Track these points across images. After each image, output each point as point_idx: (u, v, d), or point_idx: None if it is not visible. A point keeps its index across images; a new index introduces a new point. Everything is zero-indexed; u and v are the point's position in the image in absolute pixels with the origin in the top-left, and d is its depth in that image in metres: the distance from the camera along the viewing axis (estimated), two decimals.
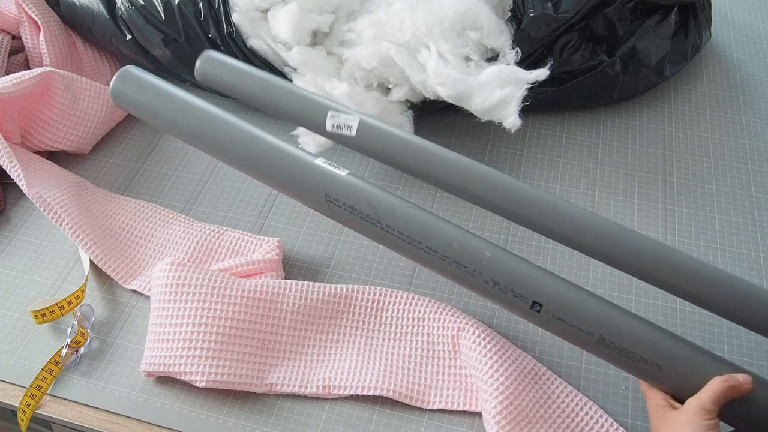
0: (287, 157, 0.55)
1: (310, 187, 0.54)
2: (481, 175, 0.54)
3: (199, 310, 0.58)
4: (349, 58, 0.69)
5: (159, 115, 0.58)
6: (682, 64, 0.81)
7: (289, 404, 0.58)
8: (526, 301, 0.50)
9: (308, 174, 0.54)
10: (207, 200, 0.74)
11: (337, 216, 0.54)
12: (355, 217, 0.53)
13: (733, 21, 0.93)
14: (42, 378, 0.59)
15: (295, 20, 0.69)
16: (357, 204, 0.52)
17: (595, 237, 0.52)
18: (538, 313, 0.50)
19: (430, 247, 0.52)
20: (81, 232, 0.67)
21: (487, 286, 0.51)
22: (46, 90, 0.73)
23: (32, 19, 0.79)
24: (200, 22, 0.71)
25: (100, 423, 0.58)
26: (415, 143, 0.57)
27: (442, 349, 0.60)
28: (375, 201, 0.52)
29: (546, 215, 0.52)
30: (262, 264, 0.64)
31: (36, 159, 0.73)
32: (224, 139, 0.56)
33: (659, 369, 0.49)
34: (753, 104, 0.82)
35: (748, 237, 0.69)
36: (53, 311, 0.62)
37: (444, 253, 0.51)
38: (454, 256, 0.51)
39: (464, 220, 0.71)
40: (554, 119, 0.81)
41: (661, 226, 0.70)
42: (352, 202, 0.53)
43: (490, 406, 0.53)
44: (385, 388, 0.57)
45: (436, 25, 0.67)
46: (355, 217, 0.53)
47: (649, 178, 0.74)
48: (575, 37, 0.75)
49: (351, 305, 0.63)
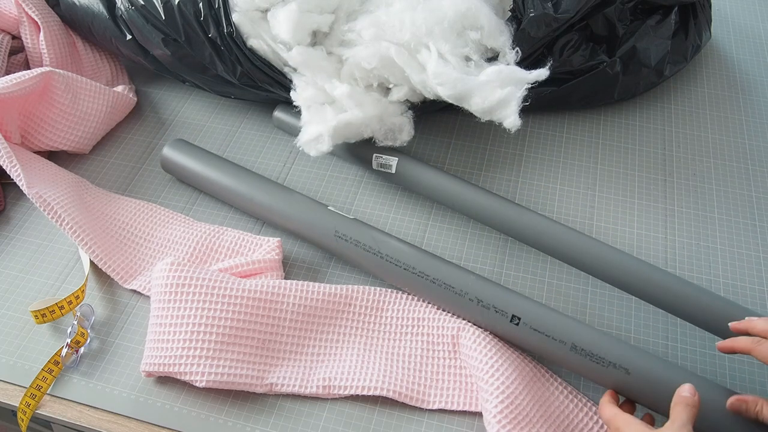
0: (305, 204, 0.67)
1: (322, 225, 0.65)
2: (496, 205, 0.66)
3: (199, 310, 0.58)
4: (349, 58, 0.69)
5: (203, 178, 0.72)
6: (682, 64, 0.81)
7: (289, 404, 0.58)
8: (506, 315, 0.57)
9: (320, 215, 0.66)
10: (207, 200, 0.74)
11: (343, 249, 0.64)
12: (359, 249, 0.63)
13: (733, 21, 0.93)
14: (42, 378, 0.59)
15: (295, 20, 0.69)
16: (361, 238, 0.63)
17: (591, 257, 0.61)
18: (516, 326, 0.56)
19: (422, 272, 0.60)
20: (81, 232, 0.67)
21: (471, 304, 0.58)
22: (46, 90, 0.73)
23: (32, 19, 0.79)
24: (200, 22, 0.71)
25: (100, 423, 0.58)
26: (441, 179, 0.68)
27: (442, 349, 0.60)
28: (376, 236, 0.63)
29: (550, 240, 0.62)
30: (262, 264, 0.64)
31: (36, 159, 0.72)
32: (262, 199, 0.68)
33: (626, 372, 0.52)
34: (753, 104, 0.82)
35: (748, 237, 0.69)
36: (53, 311, 0.62)
37: (435, 276, 0.60)
38: (443, 278, 0.60)
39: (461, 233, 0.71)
40: (554, 119, 0.81)
41: (661, 226, 0.70)
42: (358, 237, 0.63)
43: (491, 406, 0.53)
44: (385, 388, 0.57)
45: (436, 25, 0.67)
46: (359, 249, 0.63)
47: (649, 178, 0.74)
48: (575, 37, 0.75)
49: (351, 305, 0.63)
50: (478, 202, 0.66)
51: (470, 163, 0.76)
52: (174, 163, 0.73)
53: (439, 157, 0.77)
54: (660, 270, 0.59)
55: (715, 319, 0.57)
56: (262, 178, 0.70)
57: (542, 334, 0.55)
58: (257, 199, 0.68)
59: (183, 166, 0.73)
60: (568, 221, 0.70)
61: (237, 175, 0.70)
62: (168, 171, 0.75)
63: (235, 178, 0.70)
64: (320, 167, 0.76)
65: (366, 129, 0.68)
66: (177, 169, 0.73)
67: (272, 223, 0.69)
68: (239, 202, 0.70)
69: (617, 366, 0.53)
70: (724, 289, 0.65)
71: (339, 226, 0.64)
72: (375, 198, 0.73)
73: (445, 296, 0.60)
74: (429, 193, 0.69)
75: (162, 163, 0.74)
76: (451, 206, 0.68)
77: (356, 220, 0.65)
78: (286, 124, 0.78)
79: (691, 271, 0.66)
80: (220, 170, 0.71)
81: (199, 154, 0.73)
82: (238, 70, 0.72)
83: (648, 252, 0.68)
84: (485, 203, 0.66)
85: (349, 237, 0.63)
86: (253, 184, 0.69)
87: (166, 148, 0.74)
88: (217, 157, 0.73)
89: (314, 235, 0.66)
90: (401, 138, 0.70)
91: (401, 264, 0.61)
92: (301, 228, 0.66)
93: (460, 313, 0.60)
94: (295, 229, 0.67)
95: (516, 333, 0.57)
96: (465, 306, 0.59)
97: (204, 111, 0.84)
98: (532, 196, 0.73)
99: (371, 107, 0.68)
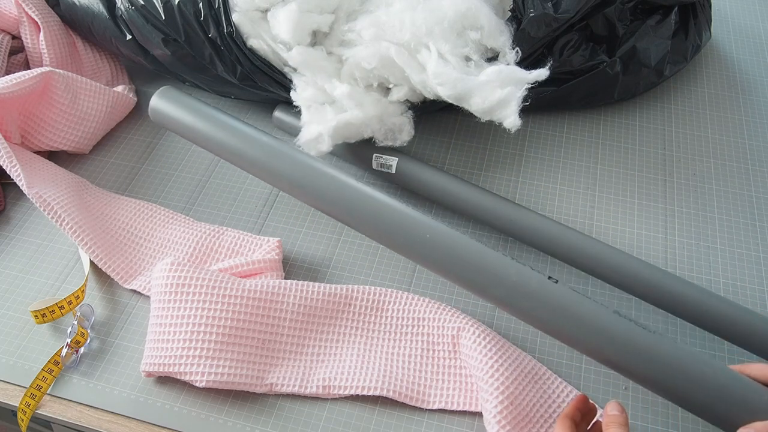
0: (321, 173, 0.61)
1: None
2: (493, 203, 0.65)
3: (199, 310, 0.58)
4: (349, 58, 0.69)
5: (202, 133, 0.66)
6: (682, 64, 0.81)
7: (289, 404, 0.58)
8: (543, 273, 0.52)
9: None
10: (207, 200, 0.74)
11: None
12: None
13: (733, 21, 0.93)
14: (42, 378, 0.59)
15: (295, 20, 0.69)
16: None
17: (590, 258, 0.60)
18: (555, 283, 0.51)
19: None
20: (81, 232, 0.67)
21: (505, 259, 0.53)
22: (46, 90, 0.73)
23: (32, 19, 0.79)
24: (200, 22, 0.71)
25: (100, 423, 0.58)
26: (441, 179, 0.68)
27: (442, 349, 0.60)
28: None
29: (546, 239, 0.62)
30: (262, 264, 0.64)
31: (36, 159, 0.72)
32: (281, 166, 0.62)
33: (674, 341, 0.49)
34: (753, 104, 0.82)
35: (748, 237, 0.69)
36: (53, 311, 0.62)
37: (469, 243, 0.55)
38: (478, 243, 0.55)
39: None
40: (554, 119, 0.81)
41: (661, 226, 0.70)
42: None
43: (491, 406, 0.53)
44: (385, 388, 0.57)
45: (436, 25, 0.67)
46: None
47: (649, 178, 0.74)
48: (575, 37, 0.75)
49: (351, 305, 0.63)
50: (478, 202, 0.66)
51: (470, 163, 0.76)
52: (165, 114, 0.67)
53: (439, 157, 0.77)
54: (660, 270, 0.59)
55: (714, 319, 0.57)
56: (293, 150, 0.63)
57: (583, 296, 0.51)
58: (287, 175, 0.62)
59: (175, 118, 0.66)
60: (568, 221, 0.70)
61: (251, 141, 0.64)
62: (159, 123, 0.69)
63: (248, 142, 0.63)
64: None
65: (366, 129, 0.68)
66: (169, 121, 0.67)
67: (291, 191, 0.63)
68: (257, 171, 0.64)
69: (662, 334, 0.49)
70: (724, 289, 0.65)
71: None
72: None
73: (482, 254, 0.54)
74: (429, 193, 0.69)
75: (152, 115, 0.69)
76: (451, 206, 0.68)
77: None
78: (286, 124, 0.78)
79: (691, 271, 0.66)
80: (234, 134, 0.64)
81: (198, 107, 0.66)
82: (238, 70, 0.72)
83: (648, 252, 0.68)
84: (485, 203, 0.66)
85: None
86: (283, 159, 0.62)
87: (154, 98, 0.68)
88: (218, 110, 0.66)
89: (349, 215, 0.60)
90: (401, 138, 0.70)
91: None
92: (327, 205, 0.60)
93: (496, 271, 0.53)
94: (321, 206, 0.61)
95: (551, 294, 0.51)
96: (500, 263, 0.53)
97: None
98: (532, 196, 0.73)
99: (371, 107, 0.68)
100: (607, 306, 0.51)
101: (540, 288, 0.52)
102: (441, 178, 0.68)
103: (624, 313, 0.52)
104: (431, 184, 0.69)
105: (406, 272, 0.67)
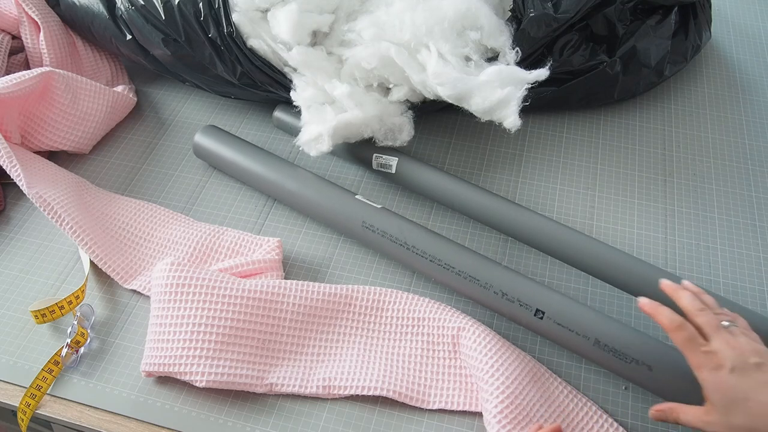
0: (333, 192, 0.67)
1: (350, 215, 0.65)
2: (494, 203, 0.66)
3: (199, 310, 0.58)
4: (349, 58, 0.69)
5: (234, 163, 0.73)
6: (682, 64, 0.81)
7: (289, 404, 0.58)
8: (530, 309, 0.57)
9: (349, 206, 0.66)
10: (207, 200, 0.74)
11: (370, 239, 0.64)
12: (386, 240, 0.63)
13: (733, 21, 0.93)
14: (42, 378, 0.59)
15: (295, 20, 0.69)
16: (388, 229, 0.63)
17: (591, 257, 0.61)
18: (540, 320, 0.57)
19: (448, 264, 0.60)
20: (81, 232, 0.67)
21: (496, 297, 0.58)
22: (46, 90, 0.73)
23: (32, 19, 0.79)
24: (200, 22, 0.71)
25: (100, 423, 0.58)
26: (441, 179, 0.69)
27: (442, 349, 0.60)
28: (403, 227, 0.63)
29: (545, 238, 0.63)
30: (262, 264, 0.64)
31: (36, 159, 0.72)
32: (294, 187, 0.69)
33: (649, 369, 0.53)
34: (753, 104, 0.82)
35: (748, 237, 0.69)
36: (53, 311, 0.62)
37: (460, 269, 0.60)
38: (469, 271, 0.60)
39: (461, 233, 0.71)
40: (554, 119, 0.81)
41: (661, 226, 0.70)
42: (385, 228, 0.63)
43: (491, 406, 0.53)
44: (385, 388, 0.57)
45: (436, 25, 0.67)
46: (386, 240, 0.63)
47: (649, 178, 0.74)
48: (575, 37, 0.75)
49: (351, 305, 0.63)
50: (478, 202, 0.66)
51: (470, 163, 0.76)
52: (205, 149, 0.75)
53: (439, 157, 0.77)
54: (660, 270, 0.59)
55: None
56: (292, 165, 0.71)
57: (566, 329, 0.56)
58: (287, 186, 0.69)
59: (215, 153, 0.74)
60: (568, 221, 0.70)
61: (267, 162, 0.71)
62: (200, 157, 0.76)
63: (265, 165, 0.71)
64: (320, 167, 0.76)
65: (366, 129, 0.68)
66: (209, 155, 0.75)
67: (298, 208, 0.70)
68: (267, 188, 0.71)
69: (640, 362, 0.53)
70: (724, 289, 0.65)
71: (366, 216, 0.64)
72: (375, 198, 0.73)
73: (470, 288, 0.60)
74: (429, 193, 0.69)
75: (194, 150, 0.76)
76: (451, 206, 0.68)
77: (384, 209, 0.65)
78: (286, 124, 0.78)
79: (691, 271, 0.66)
80: (252, 158, 0.72)
81: (232, 141, 0.74)
82: (238, 70, 0.72)
83: (648, 252, 0.68)
84: (485, 203, 0.66)
85: (376, 228, 0.64)
86: (284, 171, 0.70)
87: (198, 135, 0.75)
88: (248, 143, 0.74)
89: (341, 224, 0.66)
90: (401, 138, 0.70)
91: (427, 255, 0.61)
92: (329, 217, 0.67)
93: (485, 304, 0.60)
94: (323, 217, 0.68)
95: (540, 326, 0.57)
96: (489, 298, 0.59)
97: (204, 111, 0.84)
98: (532, 196, 0.73)
99: (371, 107, 0.68)
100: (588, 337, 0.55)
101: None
102: (441, 178, 0.68)
103: (604, 345, 0.55)
104: (431, 184, 0.69)
105: (406, 272, 0.67)
